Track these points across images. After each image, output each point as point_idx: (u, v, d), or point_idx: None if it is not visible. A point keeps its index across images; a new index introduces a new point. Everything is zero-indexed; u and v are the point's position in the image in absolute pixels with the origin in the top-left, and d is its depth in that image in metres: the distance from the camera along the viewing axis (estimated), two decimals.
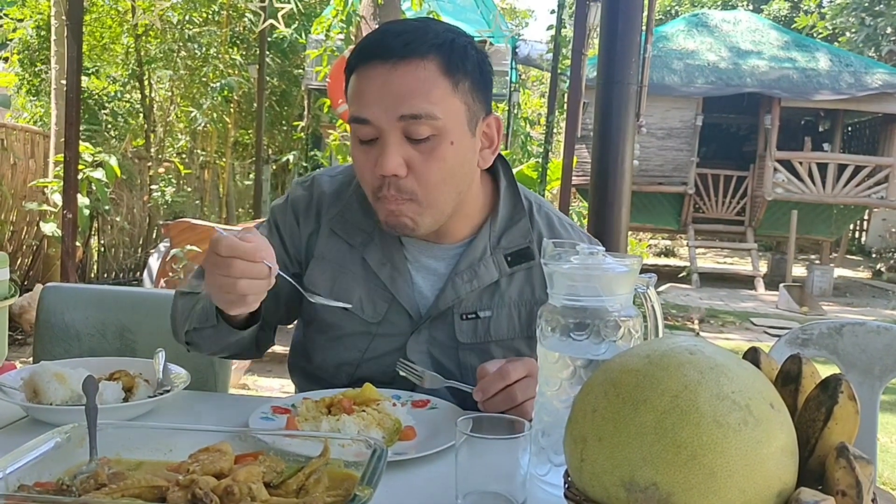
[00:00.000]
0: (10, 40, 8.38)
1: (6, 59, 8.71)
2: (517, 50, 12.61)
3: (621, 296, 0.89)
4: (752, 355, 0.78)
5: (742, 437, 0.63)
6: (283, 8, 6.52)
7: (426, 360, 1.27)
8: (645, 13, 2.82)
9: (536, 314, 1.26)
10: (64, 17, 5.37)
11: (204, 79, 9.34)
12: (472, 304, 1.27)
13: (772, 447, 0.65)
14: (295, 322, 1.44)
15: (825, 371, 0.76)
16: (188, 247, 4.63)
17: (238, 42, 10.01)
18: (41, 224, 6.05)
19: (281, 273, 1.08)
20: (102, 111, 8.55)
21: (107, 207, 6.81)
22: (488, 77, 1.20)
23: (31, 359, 1.60)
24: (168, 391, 1.18)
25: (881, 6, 17.05)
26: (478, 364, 1.23)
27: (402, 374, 1.23)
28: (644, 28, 2.72)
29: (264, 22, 6.95)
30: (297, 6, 6.74)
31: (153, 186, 7.97)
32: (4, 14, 8.32)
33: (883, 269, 13.49)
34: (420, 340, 1.27)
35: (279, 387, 4.48)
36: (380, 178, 1.15)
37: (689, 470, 0.63)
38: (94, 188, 6.14)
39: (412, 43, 1.11)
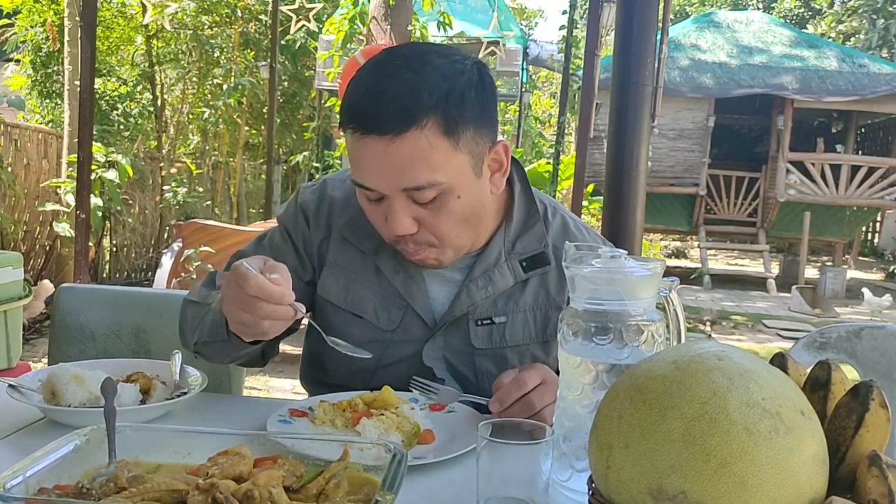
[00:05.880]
0: (22, 42, 8.41)
1: (17, 62, 8.74)
2: (528, 51, 12.59)
3: (644, 300, 0.87)
4: (780, 361, 0.77)
5: (773, 446, 0.62)
6: (314, 7, 6.55)
7: (442, 366, 1.27)
8: (661, 13, 2.81)
9: (551, 318, 1.27)
10: (77, 18, 5.40)
11: (216, 80, 9.37)
12: (487, 310, 1.26)
13: (803, 455, 0.63)
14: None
15: None
16: (201, 247, 4.65)
17: (250, 44, 10.02)
18: (54, 224, 6.08)
19: (310, 321, 1.10)
20: (114, 112, 8.58)
21: (119, 208, 6.84)
22: (491, 108, 1.14)
23: (36, 357, 1.60)
24: (185, 393, 1.17)
25: (894, 7, 16.92)
26: (494, 369, 1.24)
27: (415, 392, 1.22)
28: (660, 27, 2.70)
29: (297, 23, 6.98)
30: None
31: (165, 187, 8.00)
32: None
33: None
34: (436, 347, 1.26)
35: (290, 387, 4.49)
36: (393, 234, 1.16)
37: (718, 478, 0.62)
38: (106, 188, 6.17)
39: (408, 110, 1.05)
